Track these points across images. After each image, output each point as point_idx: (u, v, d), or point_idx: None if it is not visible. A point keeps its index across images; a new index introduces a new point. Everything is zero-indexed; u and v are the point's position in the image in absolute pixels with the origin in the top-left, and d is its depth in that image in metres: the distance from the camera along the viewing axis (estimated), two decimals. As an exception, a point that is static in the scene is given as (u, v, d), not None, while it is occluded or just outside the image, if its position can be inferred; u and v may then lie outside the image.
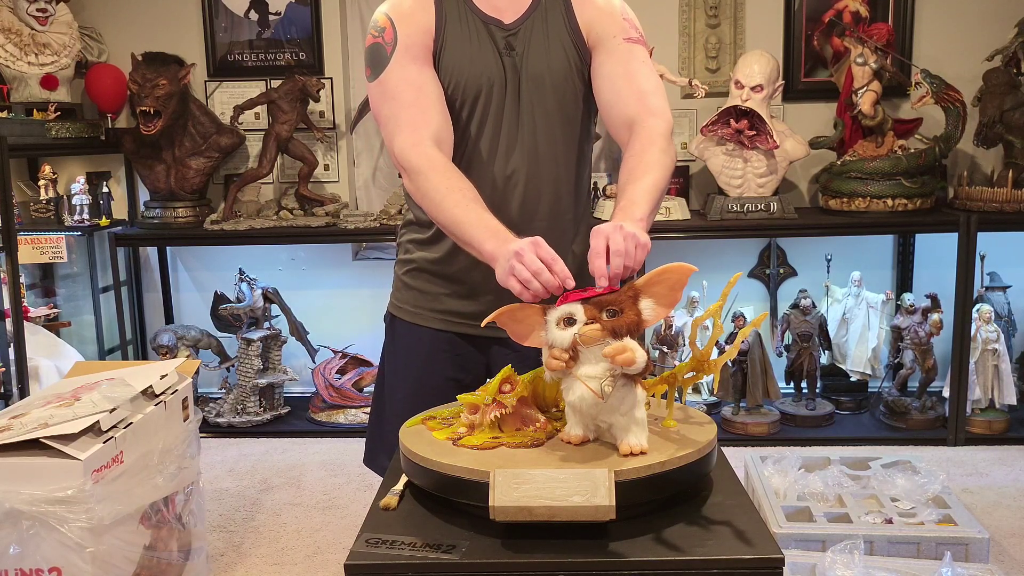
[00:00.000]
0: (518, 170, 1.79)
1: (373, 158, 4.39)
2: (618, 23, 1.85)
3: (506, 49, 1.77)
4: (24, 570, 1.88)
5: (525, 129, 1.79)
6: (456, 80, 1.76)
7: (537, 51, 1.78)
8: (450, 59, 1.76)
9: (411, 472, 1.55)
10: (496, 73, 1.76)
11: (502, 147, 1.79)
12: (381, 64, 1.74)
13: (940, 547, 2.42)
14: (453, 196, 1.63)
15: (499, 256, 1.53)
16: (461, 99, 1.77)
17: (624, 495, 1.36)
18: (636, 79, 1.81)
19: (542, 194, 1.81)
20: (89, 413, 1.99)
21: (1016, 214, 3.56)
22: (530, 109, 1.78)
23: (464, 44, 1.76)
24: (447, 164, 1.68)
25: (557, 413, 1.68)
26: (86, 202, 3.86)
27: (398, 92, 1.73)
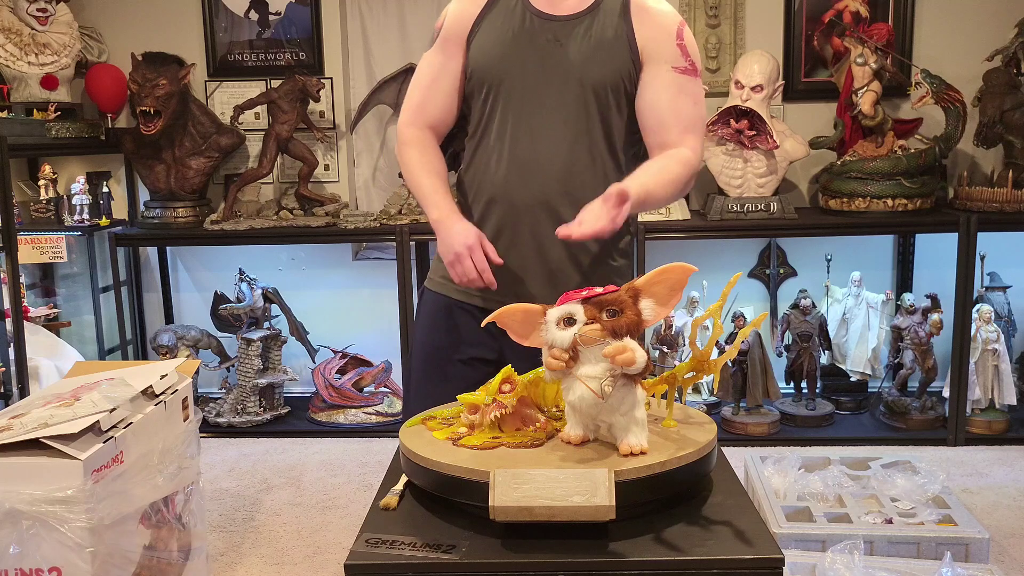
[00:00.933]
0: (546, 156, 1.83)
1: (373, 158, 4.39)
2: (671, 49, 1.85)
3: (552, 41, 1.81)
4: (24, 570, 1.88)
5: (548, 119, 1.82)
6: (479, 62, 1.85)
7: (581, 49, 1.81)
8: (478, 44, 1.85)
9: (411, 472, 1.55)
10: (525, 61, 1.82)
11: (522, 131, 1.83)
12: (430, 43, 1.94)
13: (940, 547, 2.42)
14: (423, 167, 1.89)
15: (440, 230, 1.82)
16: (481, 80, 1.85)
17: (624, 495, 1.36)
18: (680, 114, 1.85)
19: (553, 189, 1.83)
20: (89, 413, 1.99)
21: (1016, 214, 3.56)
22: (559, 101, 1.82)
23: (496, 31, 1.84)
24: (427, 142, 1.92)
25: (557, 413, 1.68)
26: (86, 202, 3.86)
27: (420, 74, 1.95)
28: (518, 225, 1.85)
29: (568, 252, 1.85)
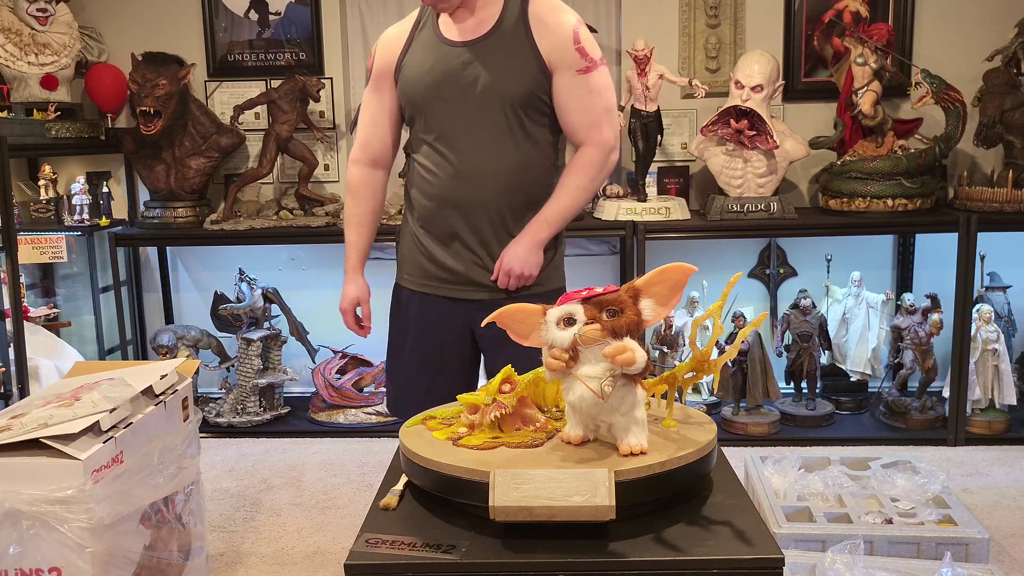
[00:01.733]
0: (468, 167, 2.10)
1: (373, 158, 4.38)
2: (571, 54, 2.08)
3: (467, 64, 2.06)
4: (24, 570, 1.88)
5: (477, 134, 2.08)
6: (407, 93, 2.13)
7: (494, 68, 2.05)
8: (404, 77, 2.13)
9: (411, 472, 1.55)
10: (446, 85, 2.06)
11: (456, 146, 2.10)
12: (366, 82, 2.21)
13: (940, 547, 2.42)
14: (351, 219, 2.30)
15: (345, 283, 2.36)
16: (412, 108, 2.14)
17: (624, 495, 1.36)
18: (587, 111, 2.11)
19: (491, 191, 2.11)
20: (89, 413, 1.99)
21: (1016, 214, 3.56)
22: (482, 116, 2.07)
23: (417, 64, 2.10)
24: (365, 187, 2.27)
25: (557, 413, 1.68)
26: (86, 202, 3.86)
27: (362, 113, 2.25)
28: (462, 226, 2.14)
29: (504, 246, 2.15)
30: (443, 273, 2.20)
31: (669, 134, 3.98)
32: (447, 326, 2.24)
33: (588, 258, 4.36)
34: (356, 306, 2.38)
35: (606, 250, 4.36)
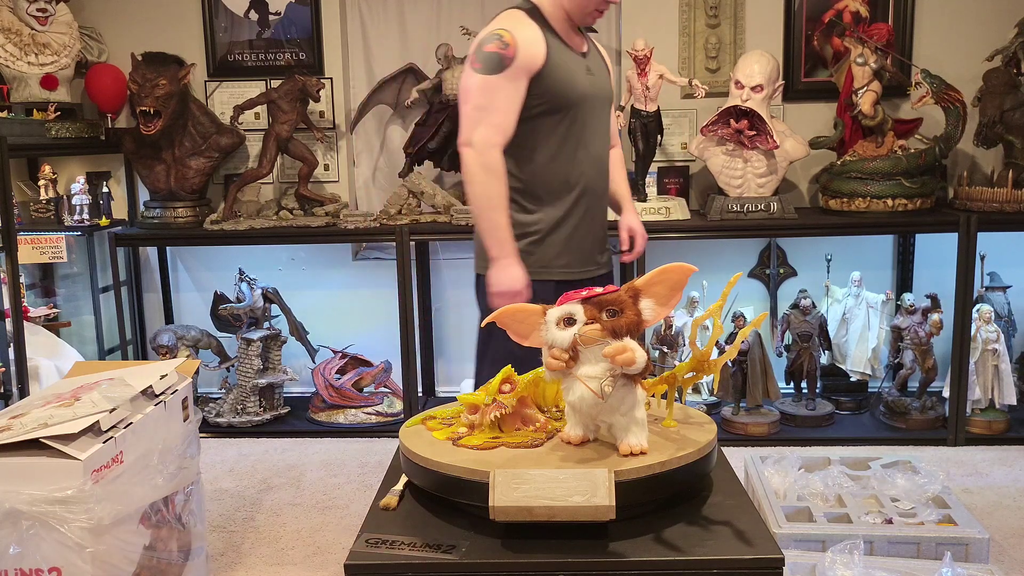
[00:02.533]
0: (602, 154, 2.49)
1: (373, 158, 4.39)
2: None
3: (590, 71, 2.43)
4: (24, 570, 1.88)
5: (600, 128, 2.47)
6: (562, 91, 2.34)
7: (600, 75, 2.48)
8: (556, 76, 2.32)
9: (411, 472, 1.55)
10: (586, 87, 2.39)
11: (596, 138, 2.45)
12: (496, 68, 2.27)
13: (940, 547, 2.42)
14: (503, 203, 2.31)
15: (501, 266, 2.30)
16: (566, 103, 2.35)
17: (624, 495, 1.36)
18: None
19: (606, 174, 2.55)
20: (89, 413, 1.99)
21: (1016, 214, 3.56)
22: (603, 114, 2.48)
23: (564, 66, 2.34)
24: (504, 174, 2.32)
25: (557, 413, 1.68)
26: (86, 202, 3.86)
27: (498, 97, 2.29)
28: (595, 207, 2.49)
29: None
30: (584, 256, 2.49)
31: (669, 134, 3.98)
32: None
33: (588, 258, 4.36)
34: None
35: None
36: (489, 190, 2.29)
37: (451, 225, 3.81)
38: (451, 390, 4.40)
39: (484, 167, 2.28)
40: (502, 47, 2.27)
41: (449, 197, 3.95)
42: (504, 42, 2.27)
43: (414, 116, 4.10)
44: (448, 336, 4.44)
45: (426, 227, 3.84)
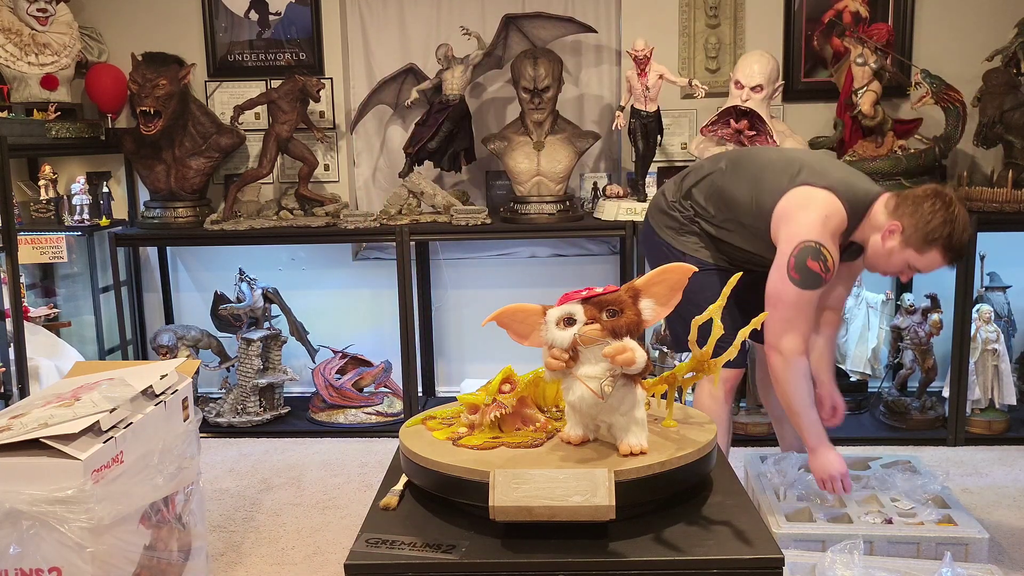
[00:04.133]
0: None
1: (373, 158, 4.39)
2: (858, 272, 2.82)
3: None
4: (24, 570, 1.88)
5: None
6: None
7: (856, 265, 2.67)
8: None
9: (411, 472, 1.55)
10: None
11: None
12: (813, 286, 2.41)
13: (940, 547, 2.42)
14: (811, 399, 2.51)
15: (821, 453, 2.54)
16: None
17: (624, 495, 1.36)
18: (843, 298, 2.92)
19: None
20: (89, 413, 1.99)
21: (1016, 214, 3.56)
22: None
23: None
24: (809, 373, 2.51)
25: (557, 413, 1.68)
26: (86, 202, 3.86)
27: (808, 310, 2.46)
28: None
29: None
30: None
31: (669, 134, 3.98)
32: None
33: (588, 258, 4.36)
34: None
35: (606, 250, 4.36)
36: (800, 392, 2.48)
37: (451, 225, 3.81)
38: (451, 390, 4.40)
39: (794, 373, 2.46)
40: (824, 271, 2.39)
41: (449, 197, 3.95)
42: (827, 267, 2.39)
43: (414, 116, 4.10)
44: (448, 336, 4.44)
45: (426, 227, 3.84)
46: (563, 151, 3.83)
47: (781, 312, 2.43)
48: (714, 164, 2.76)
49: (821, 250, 2.38)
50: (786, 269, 2.41)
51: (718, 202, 2.66)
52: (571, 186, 4.02)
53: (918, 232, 2.40)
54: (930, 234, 2.39)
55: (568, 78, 4.13)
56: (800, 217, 2.43)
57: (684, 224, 2.73)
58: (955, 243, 2.40)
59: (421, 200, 3.97)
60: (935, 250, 2.41)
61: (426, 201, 3.97)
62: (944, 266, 2.49)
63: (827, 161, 2.65)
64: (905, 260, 2.45)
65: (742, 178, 2.62)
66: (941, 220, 2.38)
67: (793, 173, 2.52)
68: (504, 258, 4.36)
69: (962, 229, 2.40)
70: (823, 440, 2.54)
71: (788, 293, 2.41)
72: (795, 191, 2.49)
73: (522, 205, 3.84)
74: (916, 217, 2.40)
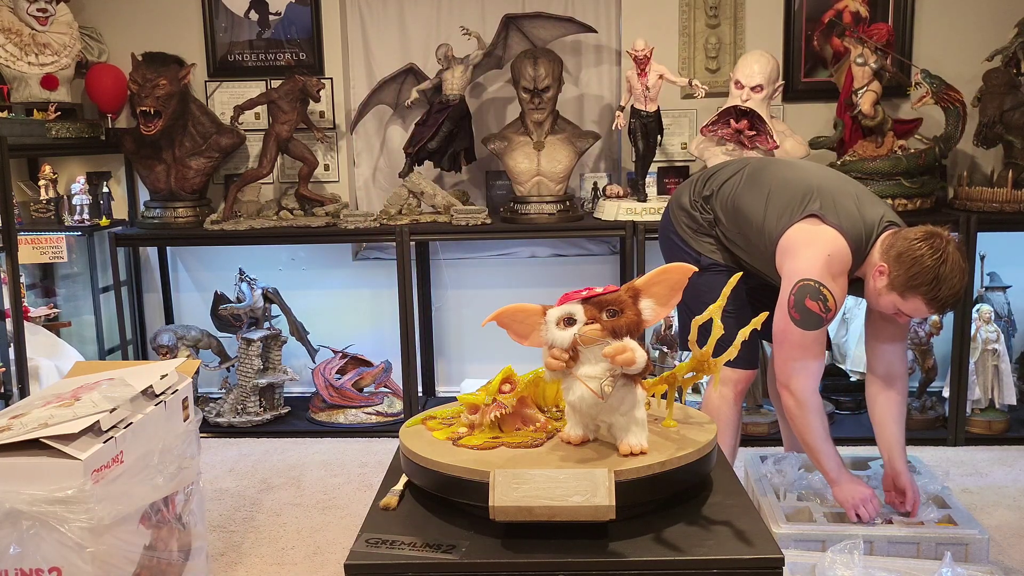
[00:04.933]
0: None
1: (373, 158, 4.39)
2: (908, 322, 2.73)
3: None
4: (24, 570, 1.88)
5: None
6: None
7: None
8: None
9: (411, 472, 1.55)
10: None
11: None
12: (814, 327, 2.37)
13: (940, 547, 2.42)
14: (822, 434, 2.49)
15: (842, 485, 2.52)
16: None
17: (624, 495, 1.36)
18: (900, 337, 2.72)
19: None
20: (89, 413, 1.99)
21: (1016, 214, 3.56)
22: None
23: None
24: (822, 408, 2.49)
25: (557, 413, 1.68)
26: (86, 202, 3.86)
27: (814, 349, 2.42)
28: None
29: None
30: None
31: (669, 134, 3.98)
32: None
33: (588, 258, 4.36)
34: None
35: (606, 250, 4.36)
36: (815, 429, 2.47)
37: (451, 225, 3.81)
38: (451, 390, 4.40)
39: (807, 412, 2.46)
40: (823, 311, 2.35)
41: (449, 197, 3.95)
42: (827, 307, 2.35)
43: (414, 116, 4.10)
44: (448, 336, 4.44)
45: (426, 227, 3.84)
46: (563, 151, 3.83)
47: (787, 352, 2.42)
48: (735, 169, 2.70)
49: (821, 290, 2.33)
50: (787, 308, 2.38)
51: (730, 215, 2.62)
52: (571, 186, 4.02)
53: (901, 277, 2.30)
54: (911, 280, 2.29)
55: (568, 78, 4.13)
56: (803, 253, 2.39)
57: (703, 226, 2.70)
58: (940, 294, 2.28)
59: (421, 200, 3.97)
60: (917, 298, 2.31)
61: (426, 201, 3.97)
62: (930, 314, 2.43)
63: (841, 187, 2.53)
64: (892, 303, 2.37)
65: (756, 195, 2.56)
66: (925, 268, 2.27)
67: (804, 201, 2.45)
68: (504, 258, 4.36)
69: (950, 278, 2.27)
70: (842, 472, 2.53)
71: (792, 334, 2.39)
72: (801, 225, 2.42)
73: (522, 205, 3.84)
74: (901, 261, 2.30)
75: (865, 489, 2.51)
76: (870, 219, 2.44)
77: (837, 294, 2.37)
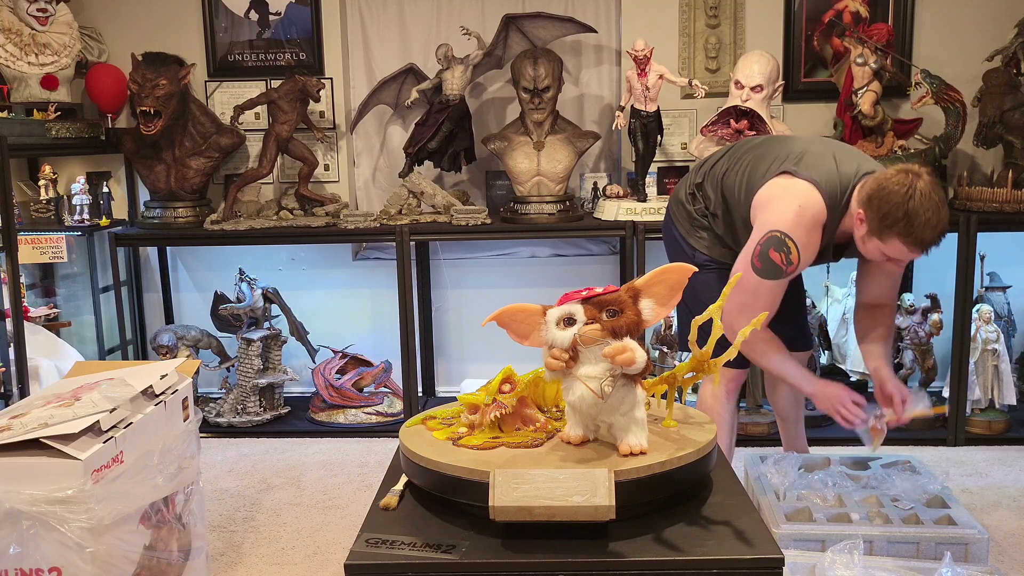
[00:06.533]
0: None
1: (373, 158, 4.39)
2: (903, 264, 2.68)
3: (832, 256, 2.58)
4: (24, 570, 1.88)
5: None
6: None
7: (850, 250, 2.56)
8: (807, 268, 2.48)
9: (411, 472, 1.55)
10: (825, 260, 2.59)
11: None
12: (773, 276, 2.36)
13: (940, 547, 2.42)
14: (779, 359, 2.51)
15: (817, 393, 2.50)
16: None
17: (624, 495, 1.36)
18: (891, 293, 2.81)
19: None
20: (89, 413, 1.99)
21: (1016, 214, 3.56)
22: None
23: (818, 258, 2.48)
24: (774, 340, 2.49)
25: (557, 413, 1.68)
26: (86, 202, 3.86)
27: (766, 298, 2.37)
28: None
29: None
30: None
31: (669, 134, 3.98)
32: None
33: (588, 258, 4.36)
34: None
35: (606, 250, 4.36)
36: (771, 359, 2.50)
37: (451, 225, 3.81)
38: (451, 390, 4.40)
39: (759, 352, 2.48)
40: (785, 263, 2.34)
41: (449, 197, 3.95)
42: (790, 260, 2.34)
43: (414, 116, 4.10)
44: (448, 336, 4.44)
45: (426, 227, 3.84)
46: (563, 151, 3.83)
47: (739, 296, 2.33)
48: (725, 151, 2.71)
49: (786, 241, 2.31)
50: (751, 255, 2.37)
51: (718, 191, 2.62)
52: (571, 186, 4.02)
53: (874, 220, 2.24)
54: (884, 221, 2.22)
55: (568, 78, 4.13)
56: (774, 207, 2.38)
57: (697, 220, 2.69)
58: (915, 231, 2.19)
59: (421, 200, 3.97)
60: (895, 238, 2.22)
61: (426, 201, 3.97)
62: (915, 256, 2.30)
63: (821, 147, 2.50)
64: (876, 249, 2.30)
65: (739, 165, 2.57)
66: (894, 205, 2.18)
67: (780, 161, 2.44)
68: (504, 258, 4.36)
69: (921, 212, 2.17)
70: (814, 381, 2.54)
71: (748, 280, 2.35)
72: (775, 180, 2.42)
73: (522, 205, 3.84)
74: (872, 203, 2.24)
75: (838, 388, 2.48)
76: (847, 171, 2.39)
77: (805, 247, 2.34)
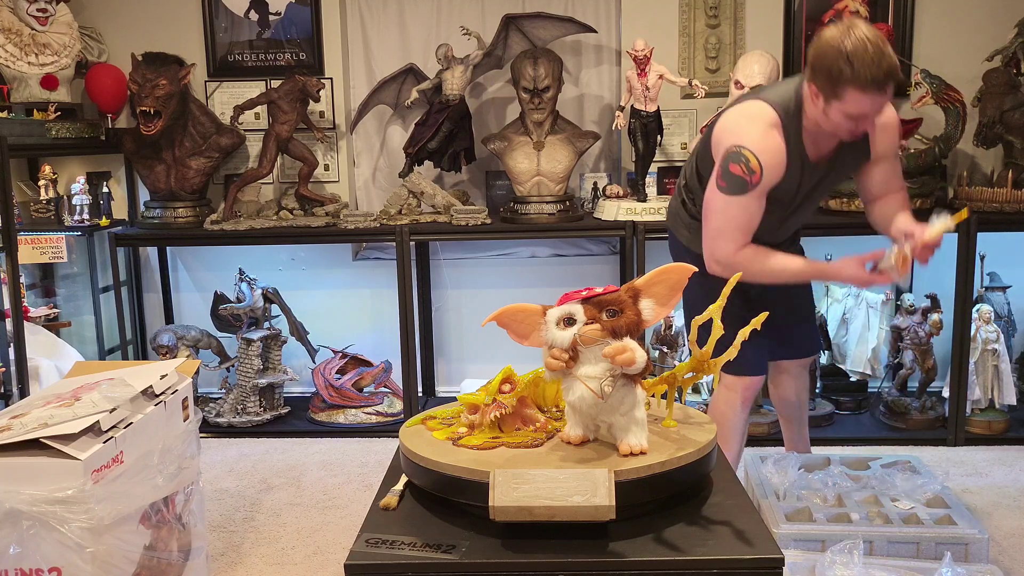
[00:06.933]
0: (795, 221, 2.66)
1: (373, 158, 4.39)
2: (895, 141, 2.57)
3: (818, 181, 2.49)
4: (24, 570, 1.88)
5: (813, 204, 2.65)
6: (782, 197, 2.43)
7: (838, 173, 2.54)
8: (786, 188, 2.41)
9: (411, 472, 1.55)
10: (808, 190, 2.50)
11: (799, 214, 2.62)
12: (738, 191, 2.31)
13: (940, 547, 2.42)
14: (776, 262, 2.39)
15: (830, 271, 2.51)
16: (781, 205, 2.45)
17: (624, 495, 1.36)
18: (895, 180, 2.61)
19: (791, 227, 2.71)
20: (89, 413, 1.99)
21: (1016, 214, 3.56)
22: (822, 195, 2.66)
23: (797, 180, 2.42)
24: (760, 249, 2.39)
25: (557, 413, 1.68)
26: (86, 202, 3.86)
27: (739, 217, 2.34)
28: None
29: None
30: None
31: (669, 134, 3.98)
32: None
33: (588, 258, 4.36)
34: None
35: (606, 250, 4.36)
36: (764, 269, 2.38)
37: (451, 225, 3.81)
38: (451, 390, 4.40)
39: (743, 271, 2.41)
40: (747, 173, 2.29)
41: (449, 197, 3.95)
42: (750, 168, 2.28)
43: (414, 116, 4.11)
44: (448, 336, 4.44)
45: (426, 227, 3.84)
46: (563, 151, 3.83)
47: (711, 223, 2.35)
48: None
49: (743, 152, 2.28)
50: (715, 179, 2.35)
51: (694, 180, 2.61)
52: (571, 186, 4.02)
53: (821, 80, 2.17)
54: (830, 76, 2.14)
55: (568, 78, 4.13)
56: (726, 131, 2.36)
57: (690, 220, 2.68)
58: (861, 72, 2.10)
59: (421, 200, 3.97)
60: (847, 90, 2.13)
61: (426, 201, 3.97)
62: (877, 102, 2.19)
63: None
64: (839, 115, 2.21)
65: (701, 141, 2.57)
66: (832, 53, 2.12)
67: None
68: (504, 258, 4.36)
69: (861, 52, 2.10)
70: (819, 268, 2.54)
71: (715, 201, 2.34)
72: (726, 114, 2.45)
73: (522, 205, 3.84)
74: (813, 66, 2.17)
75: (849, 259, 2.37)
76: (793, 82, 2.40)
77: (763, 152, 2.29)
